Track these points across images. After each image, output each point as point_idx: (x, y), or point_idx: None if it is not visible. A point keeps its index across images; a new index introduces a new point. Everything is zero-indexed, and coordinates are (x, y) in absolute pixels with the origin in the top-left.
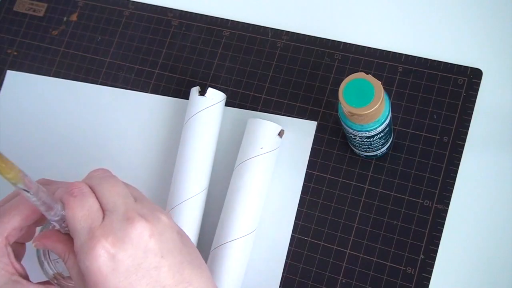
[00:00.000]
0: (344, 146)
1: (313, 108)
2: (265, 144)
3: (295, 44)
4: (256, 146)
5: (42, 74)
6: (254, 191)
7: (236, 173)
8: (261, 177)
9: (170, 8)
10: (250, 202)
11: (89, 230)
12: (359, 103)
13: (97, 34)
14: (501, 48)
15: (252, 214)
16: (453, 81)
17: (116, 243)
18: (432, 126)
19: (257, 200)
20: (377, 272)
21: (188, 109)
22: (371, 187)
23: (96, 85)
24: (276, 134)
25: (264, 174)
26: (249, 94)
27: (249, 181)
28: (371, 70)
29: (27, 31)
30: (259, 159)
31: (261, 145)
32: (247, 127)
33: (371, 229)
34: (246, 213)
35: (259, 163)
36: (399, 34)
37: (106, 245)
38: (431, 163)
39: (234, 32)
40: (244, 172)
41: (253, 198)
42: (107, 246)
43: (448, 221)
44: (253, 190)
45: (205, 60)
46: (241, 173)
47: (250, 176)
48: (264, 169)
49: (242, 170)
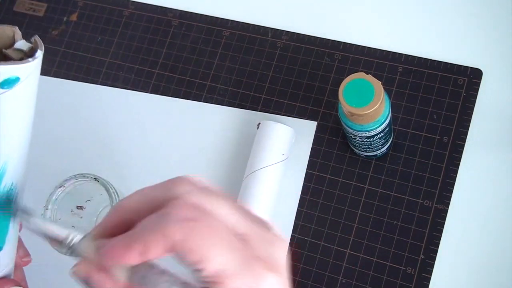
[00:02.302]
0: (344, 146)
1: (313, 108)
2: (285, 151)
3: (295, 44)
4: (277, 153)
5: (42, 74)
6: (272, 199)
7: (254, 180)
8: (279, 184)
9: (170, 8)
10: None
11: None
12: (359, 103)
13: (97, 34)
14: (501, 48)
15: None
16: (453, 81)
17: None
18: (432, 126)
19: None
20: (377, 272)
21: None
22: (371, 187)
23: (96, 85)
24: (292, 140)
25: (281, 180)
26: (249, 94)
27: (270, 190)
28: (371, 70)
29: (27, 31)
30: (280, 166)
31: (282, 151)
32: (262, 131)
33: (371, 229)
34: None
35: (281, 170)
36: (399, 34)
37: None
38: (431, 163)
39: (234, 32)
40: (265, 180)
41: (271, 203)
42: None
43: (448, 221)
44: (272, 199)
45: (205, 60)
46: (261, 180)
47: (272, 184)
48: (283, 175)
49: (263, 177)
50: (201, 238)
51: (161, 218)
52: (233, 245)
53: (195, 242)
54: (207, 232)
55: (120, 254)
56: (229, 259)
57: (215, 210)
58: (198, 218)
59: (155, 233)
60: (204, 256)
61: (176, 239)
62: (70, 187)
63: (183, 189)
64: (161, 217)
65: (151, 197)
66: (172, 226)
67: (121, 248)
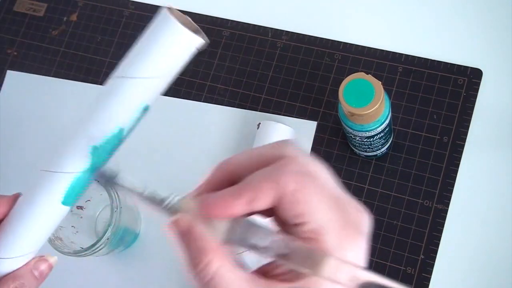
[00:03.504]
0: (344, 146)
1: (313, 108)
2: None
3: (295, 44)
4: None
5: (42, 74)
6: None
7: None
8: None
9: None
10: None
11: None
12: (359, 103)
13: (97, 34)
14: (501, 48)
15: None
16: (453, 81)
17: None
18: (432, 126)
19: None
20: (377, 272)
21: None
22: (371, 187)
23: (96, 85)
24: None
25: None
26: (249, 94)
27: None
28: (371, 70)
29: (27, 31)
30: None
31: None
32: (262, 131)
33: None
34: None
35: None
36: (399, 34)
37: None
38: (431, 163)
39: (234, 32)
40: None
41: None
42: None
43: (448, 221)
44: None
45: (205, 60)
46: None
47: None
48: None
49: None
50: (310, 192)
51: (275, 169)
52: (334, 206)
53: (305, 195)
54: (315, 190)
55: (227, 203)
56: (329, 218)
57: (319, 173)
58: (310, 176)
59: (268, 181)
60: (311, 210)
61: (289, 189)
62: None
63: (293, 149)
64: (276, 169)
65: (260, 154)
66: (286, 176)
67: (229, 197)
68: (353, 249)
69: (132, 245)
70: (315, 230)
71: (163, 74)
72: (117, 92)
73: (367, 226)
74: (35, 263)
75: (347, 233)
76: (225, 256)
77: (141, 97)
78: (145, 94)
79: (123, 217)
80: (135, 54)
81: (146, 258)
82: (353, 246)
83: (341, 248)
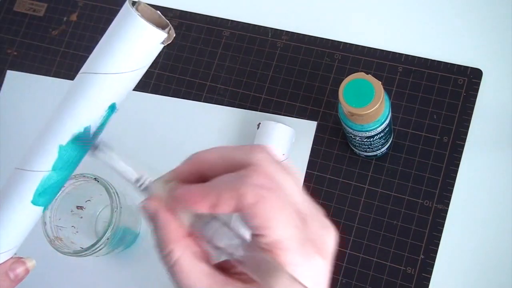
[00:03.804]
0: (344, 146)
1: (313, 108)
2: (285, 151)
3: (295, 44)
4: (277, 153)
5: (42, 74)
6: None
7: None
8: None
9: (170, 8)
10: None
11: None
12: (359, 103)
13: (97, 34)
14: (501, 48)
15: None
16: (453, 81)
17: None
18: (432, 126)
19: None
20: (377, 272)
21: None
22: (371, 187)
23: None
24: (292, 140)
25: None
26: (249, 94)
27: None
28: (371, 70)
29: (27, 31)
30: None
31: (282, 151)
32: (262, 131)
33: (371, 229)
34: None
35: None
36: (399, 34)
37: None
38: (431, 163)
39: (234, 32)
40: None
41: None
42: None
43: (448, 221)
44: None
45: (205, 60)
46: None
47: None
48: None
49: None
50: (270, 207)
51: (239, 179)
52: (294, 222)
53: (264, 209)
54: (276, 204)
55: (194, 200)
56: (288, 234)
57: (284, 184)
58: (271, 188)
59: (231, 191)
60: (269, 224)
61: (248, 201)
62: (70, 187)
63: (261, 157)
64: (240, 178)
65: (229, 157)
66: (248, 188)
67: (197, 196)
68: (311, 268)
69: (132, 245)
70: (272, 244)
71: (127, 69)
72: (81, 89)
73: (331, 244)
74: (11, 264)
75: (306, 251)
76: (188, 246)
77: (105, 94)
78: (110, 91)
79: (123, 217)
80: (98, 50)
81: (146, 258)
82: (310, 266)
83: (296, 265)
